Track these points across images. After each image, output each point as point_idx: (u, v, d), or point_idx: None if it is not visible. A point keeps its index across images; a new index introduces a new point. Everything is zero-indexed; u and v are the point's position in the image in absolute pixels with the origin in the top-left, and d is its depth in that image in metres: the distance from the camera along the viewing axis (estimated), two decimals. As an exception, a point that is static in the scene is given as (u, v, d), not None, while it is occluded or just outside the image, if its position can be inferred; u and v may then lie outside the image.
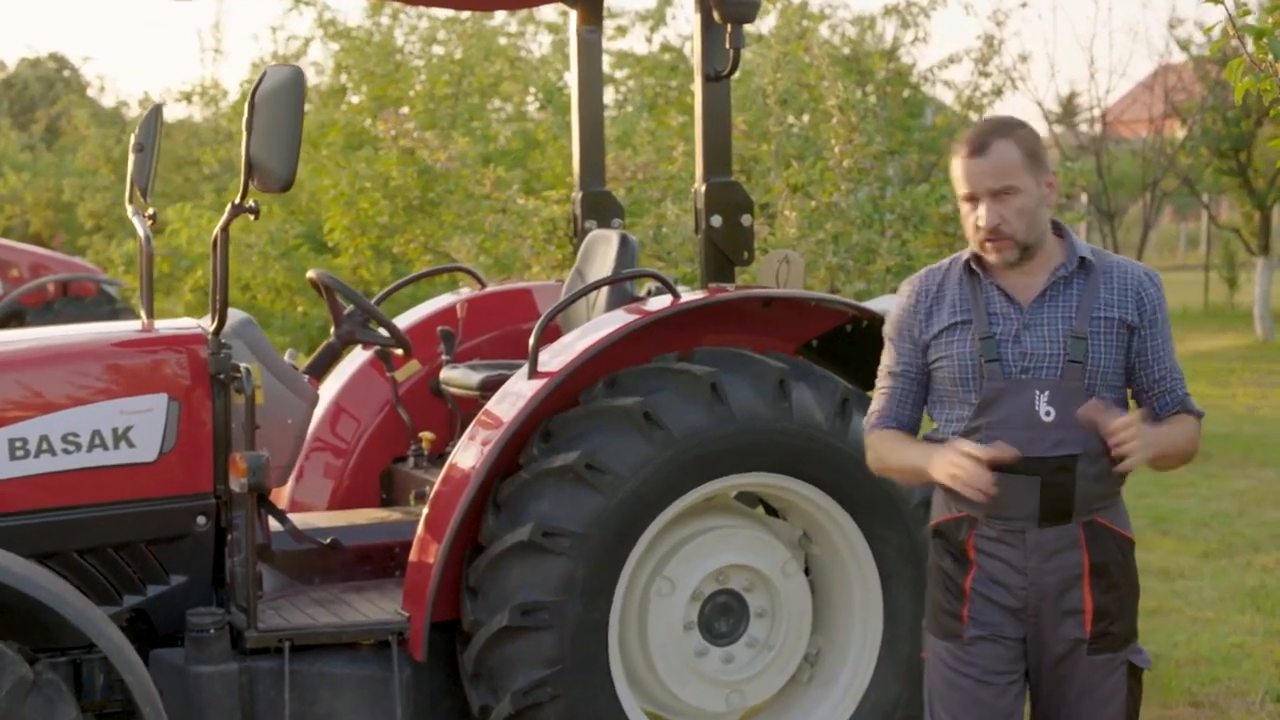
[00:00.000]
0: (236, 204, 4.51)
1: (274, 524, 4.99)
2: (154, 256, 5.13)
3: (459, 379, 5.59)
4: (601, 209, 6.13)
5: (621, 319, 4.98)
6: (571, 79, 6.22)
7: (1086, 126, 20.01)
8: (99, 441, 4.55)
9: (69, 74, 35.63)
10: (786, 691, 5.19)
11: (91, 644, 4.21)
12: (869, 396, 4.02)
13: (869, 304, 5.40)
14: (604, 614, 4.74)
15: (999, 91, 15.92)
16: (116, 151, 17.83)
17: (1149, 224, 17.86)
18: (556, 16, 14.27)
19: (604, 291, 5.47)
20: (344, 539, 5.14)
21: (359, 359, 5.99)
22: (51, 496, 4.51)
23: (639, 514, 4.76)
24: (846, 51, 15.48)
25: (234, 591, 4.71)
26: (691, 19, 5.42)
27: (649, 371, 4.90)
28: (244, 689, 4.59)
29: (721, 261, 5.41)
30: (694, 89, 5.48)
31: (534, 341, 4.89)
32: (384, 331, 5.41)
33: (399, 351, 5.53)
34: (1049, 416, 3.57)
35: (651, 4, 15.41)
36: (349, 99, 13.44)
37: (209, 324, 4.71)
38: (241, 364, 4.68)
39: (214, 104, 17.44)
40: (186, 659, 4.58)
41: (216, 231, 4.67)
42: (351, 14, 36.35)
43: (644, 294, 5.43)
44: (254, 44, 38.12)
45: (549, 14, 14.54)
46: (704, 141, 5.42)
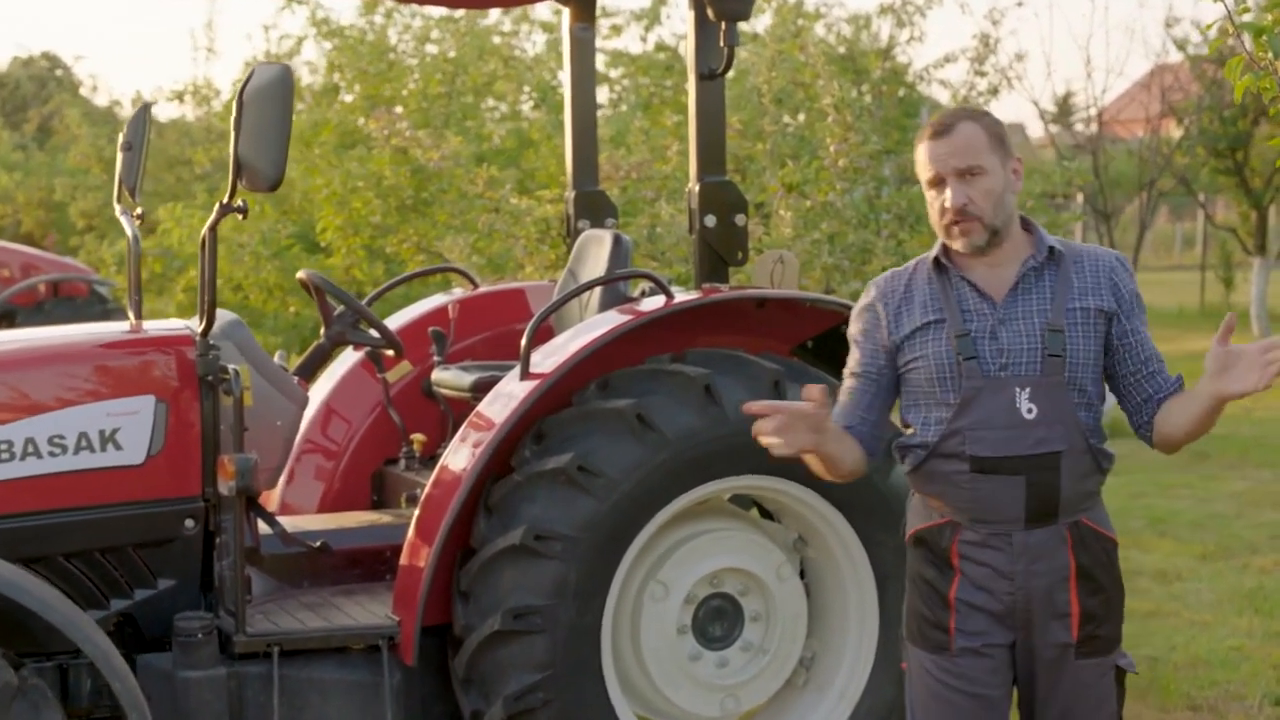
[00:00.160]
0: (224, 203, 4.49)
1: (263, 527, 4.96)
2: (142, 257, 5.10)
3: (451, 380, 5.56)
4: (594, 208, 6.10)
5: (614, 320, 4.95)
6: (564, 77, 6.19)
7: (1083, 126, 20.00)
8: (85, 444, 4.52)
9: (61, 73, 35.58)
10: (781, 696, 5.15)
11: (78, 649, 4.18)
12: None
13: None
14: (597, 618, 4.70)
15: (995, 91, 15.87)
16: (109, 151, 17.77)
17: (1145, 224, 17.81)
18: (551, 15, 14.24)
19: (597, 292, 5.44)
20: (334, 542, 5.12)
21: (350, 360, 5.96)
22: (37, 500, 4.48)
23: (632, 517, 4.73)
24: (842, 50, 15.45)
25: (222, 595, 4.68)
26: (686, 18, 5.37)
27: (642, 373, 4.87)
28: (232, 694, 4.58)
29: (715, 262, 5.37)
30: (688, 88, 5.44)
31: (526, 342, 4.86)
32: (374, 332, 5.38)
33: (390, 352, 5.50)
34: (1030, 414, 3.49)
35: (646, 3, 15.37)
36: (342, 98, 13.39)
37: (197, 325, 4.68)
38: (230, 365, 4.66)
39: (206, 103, 17.40)
40: (174, 664, 4.56)
41: (204, 231, 4.65)
42: (344, 13, 36.36)
43: (637, 294, 5.40)
44: (247, 43, 38.08)
45: (543, 13, 14.50)
46: (698, 140, 5.38)
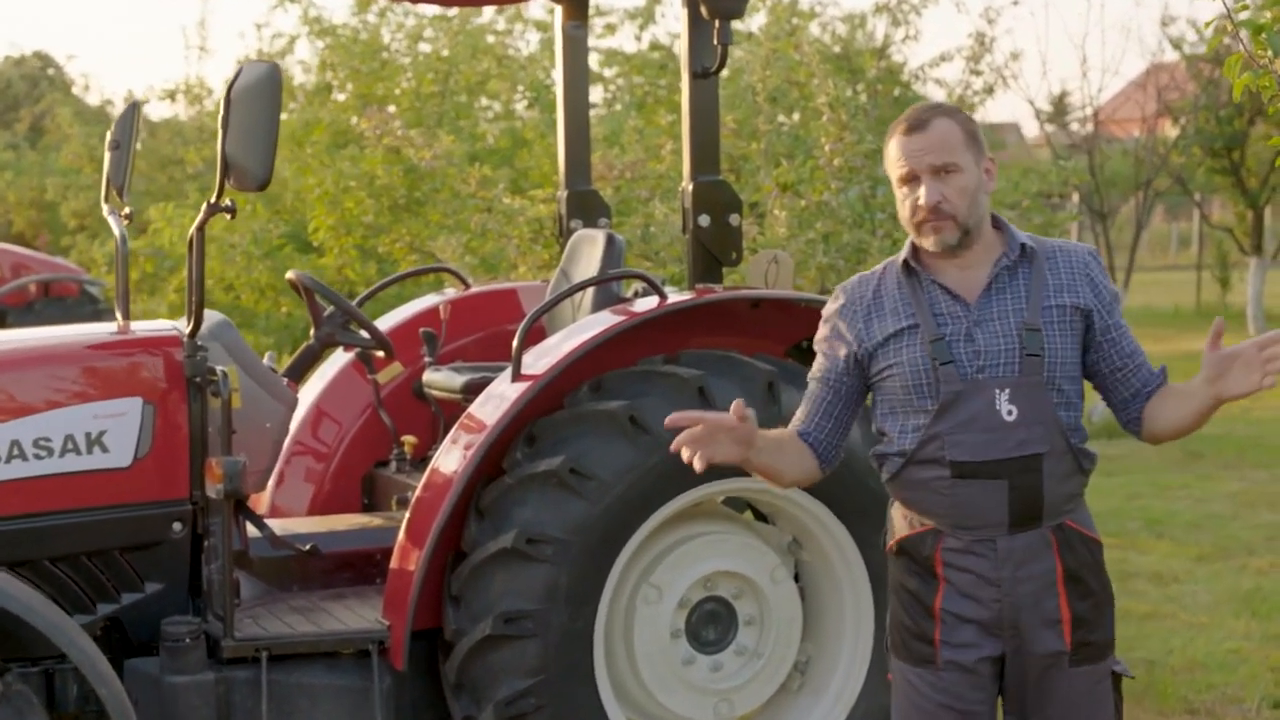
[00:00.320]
0: (212, 203, 4.45)
1: (252, 530, 4.93)
2: (134, 257, 5.07)
3: (442, 381, 5.52)
4: (587, 208, 6.06)
5: (607, 320, 4.91)
6: (557, 76, 6.15)
7: (1078, 125, 19.96)
8: (72, 446, 4.49)
9: (53, 72, 35.51)
10: (776, 700, 5.12)
11: (64, 654, 4.13)
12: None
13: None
14: (589, 622, 4.67)
15: (990, 90, 15.84)
16: (100, 151, 17.67)
17: (1141, 224, 17.74)
18: (545, 14, 14.19)
19: (590, 292, 5.41)
20: (323, 545, 5.09)
21: (340, 361, 5.92)
22: (23, 503, 4.44)
23: (625, 520, 4.69)
24: (837, 49, 15.41)
25: (210, 599, 4.65)
26: (680, 16, 5.33)
27: (635, 374, 4.84)
28: (220, 699, 4.55)
29: (709, 262, 5.33)
30: (682, 86, 5.40)
31: (518, 343, 4.82)
32: (365, 333, 5.34)
33: (380, 353, 5.46)
34: (1011, 415, 3.41)
35: (640, 2, 15.33)
36: (334, 97, 13.34)
37: (185, 326, 4.64)
38: (218, 367, 4.62)
39: (198, 102, 17.34)
40: (161, 669, 4.54)
41: (192, 232, 4.61)
42: (337, 11, 36.35)
43: (630, 295, 5.37)
44: (240, 41, 38.02)
45: (537, 11, 14.47)
46: (691, 139, 5.34)
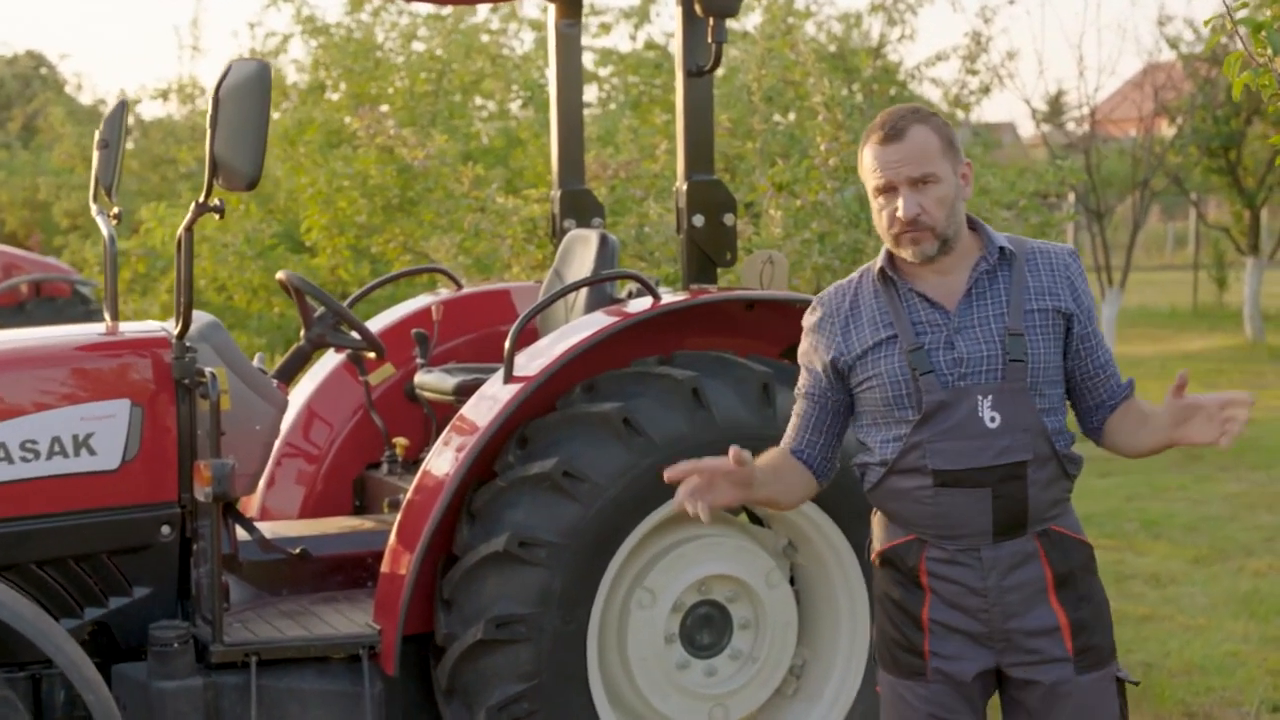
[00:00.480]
0: (200, 203, 4.41)
1: (241, 533, 4.89)
2: (126, 256, 5.03)
3: (434, 383, 5.48)
4: (580, 208, 6.03)
5: (600, 321, 4.87)
6: (550, 74, 6.12)
7: (1075, 125, 19.93)
8: (59, 449, 4.45)
9: (46, 72, 35.46)
10: (771, 705, 5.08)
11: (50, 659, 4.09)
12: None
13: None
14: (582, 626, 4.63)
15: (986, 89, 15.86)
16: (93, 150, 17.57)
17: (1138, 223, 17.75)
18: (539, 14, 14.16)
19: (583, 293, 5.37)
20: (314, 549, 5.05)
21: (331, 362, 5.89)
22: (9, 506, 4.41)
23: (618, 523, 4.65)
24: (833, 48, 15.41)
25: (199, 604, 4.62)
26: (674, 15, 5.29)
27: (628, 376, 4.80)
28: (209, 705, 4.52)
29: (703, 262, 5.30)
30: (676, 85, 5.36)
31: (510, 345, 4.78)
32: (356, 334, 5.30)
33: (372, 355, 5.41)
34: (993, 423, 3.35)
35: (636, 1, 15.30)
36: (328, 96, 13.29)
37: (173, 327, 4.60)
38: (207, 368, 4.58)
39: (191, 101, 17.29)
40: (149, 674, 4.50)
41: (180, 232, 4.57)
42: (331, 10, 36.28)
43: (624, 295, 5.33)
44: (233, 41, 37.92)
45: (532, 11, 14.45)
46: (685, 138, 5.30)
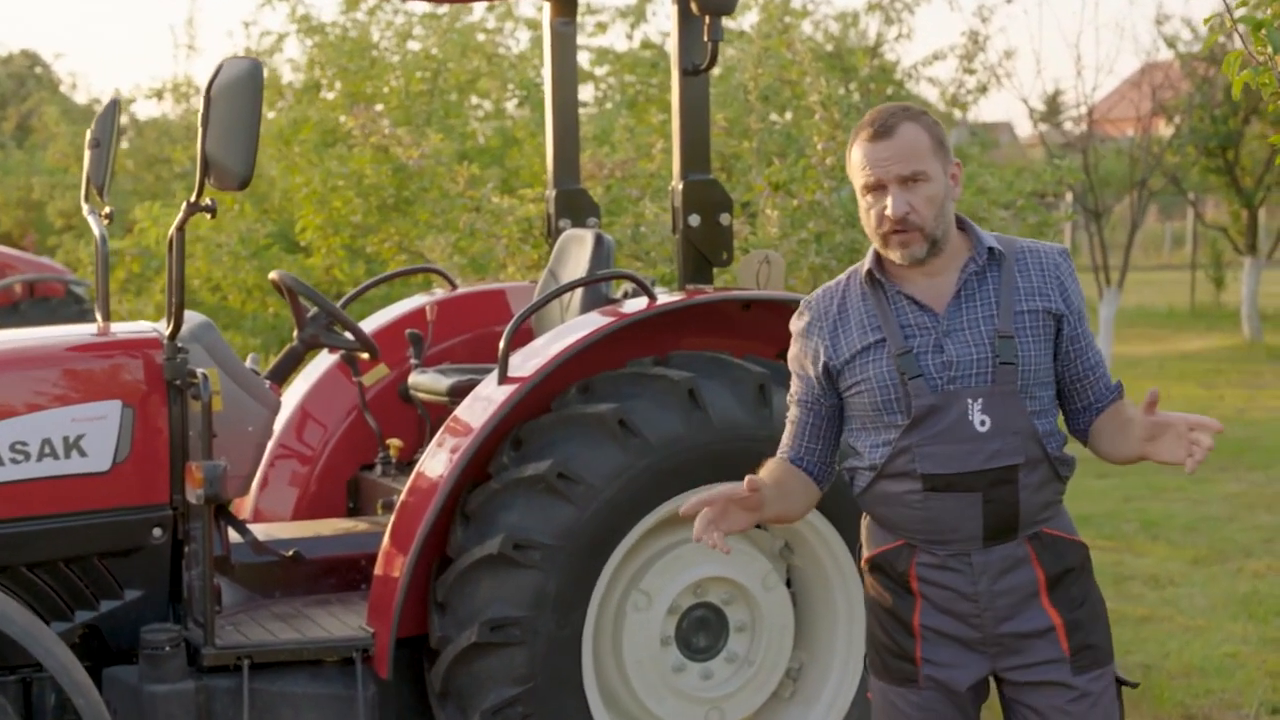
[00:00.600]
0: (192, 202, 4.38)
1: (234, 535, 4.86)
2: (120, 256, 5.00)
3: (428, 384, 5.45)
4: (576, 207, 6.00)
5: (596, 322, 4.85)
6: (545, 73, 6.09)
7: (1072, 124, 19.89)
8: (49, 450, 4.43)
9: (40, 71, 35.41)
10: (768, 708, 5.05)
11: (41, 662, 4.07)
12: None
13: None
14: (577, 629, 4.60)
15: (984, 89, 15.84)
16: (88, 150, 17.56)
17: (1135, 223, 17.73)
18: (535, 13, 14.13)
19: (578, 293, 5.34)
20: (307, 551, 5.02)
21: (325, 363, 5.86)
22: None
23: (613, 525, 4.62)
24: (829, 48, 15.38)
25: (191, 606, 4.59)
26: (670, 13, 5.26)
27: (624, 376, 4.77)
28: (201, 708, 4.50)
29: (700, 262, 5.27)
30: (672, 84, 5.33)
31: (505, 345, 4.75)
32: (349, 335, 5.27)
33: (365, 355, 5.38)
34: (984, 426, 3.31)
35: (632, 0, 15.26)
36: (323, 95, 13.26)
37: (165, 327, 4.57)
38: (199, 369, 4.56)
39: (185, 100, 17.26)
40: (141, 677, 4.48)
41: (172, 232, 4.54)
42: (326, 9, 36.23)
43: (619, 295, 5.30)
44: (228, 40, 37.90)
45: (528, 10, 14.41)
46: (682, 137, 5.27)
